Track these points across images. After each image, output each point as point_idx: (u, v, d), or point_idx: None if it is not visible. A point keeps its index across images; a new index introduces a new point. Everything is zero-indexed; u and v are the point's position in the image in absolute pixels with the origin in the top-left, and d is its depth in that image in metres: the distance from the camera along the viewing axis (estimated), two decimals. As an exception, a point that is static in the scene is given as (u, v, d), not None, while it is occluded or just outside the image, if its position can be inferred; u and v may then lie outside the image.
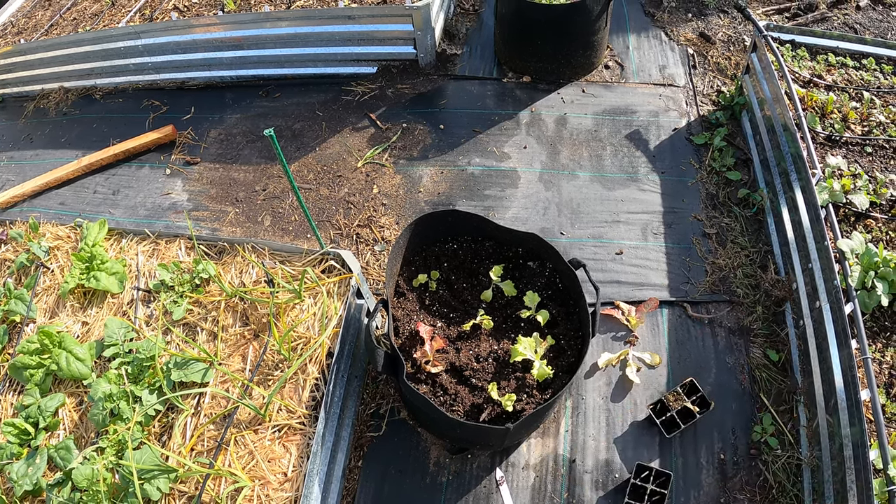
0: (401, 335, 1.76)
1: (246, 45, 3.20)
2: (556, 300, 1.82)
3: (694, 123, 2.93)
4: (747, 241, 2.52)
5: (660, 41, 3.32)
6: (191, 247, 2.20)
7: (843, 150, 2.48)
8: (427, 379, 1.68)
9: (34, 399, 1.96)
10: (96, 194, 3.01)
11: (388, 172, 2.83)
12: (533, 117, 2.98)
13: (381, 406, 2.09)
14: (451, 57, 3.26)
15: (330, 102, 3.17)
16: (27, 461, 1.83)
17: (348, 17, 2.97)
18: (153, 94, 3.41)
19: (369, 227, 2.62)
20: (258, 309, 1.96)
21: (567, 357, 1.70)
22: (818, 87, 2.69)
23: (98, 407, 1.81)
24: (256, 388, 1.76)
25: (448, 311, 1.82)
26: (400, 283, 1.87)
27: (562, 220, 2.58)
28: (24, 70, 3.58)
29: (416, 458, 2.00)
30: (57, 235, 2.37)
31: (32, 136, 3.41)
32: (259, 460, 1.65)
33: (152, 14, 3.43)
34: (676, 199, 2.64)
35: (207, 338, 1.97)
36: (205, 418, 1.77)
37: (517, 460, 1.99)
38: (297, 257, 2.03)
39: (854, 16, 3.48)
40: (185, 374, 1.83)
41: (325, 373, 1.77)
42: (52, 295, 2.22)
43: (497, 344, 1.74)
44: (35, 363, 2.00)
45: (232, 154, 3.05)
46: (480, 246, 1.94)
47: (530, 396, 1.63)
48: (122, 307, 2.13)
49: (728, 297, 2.36)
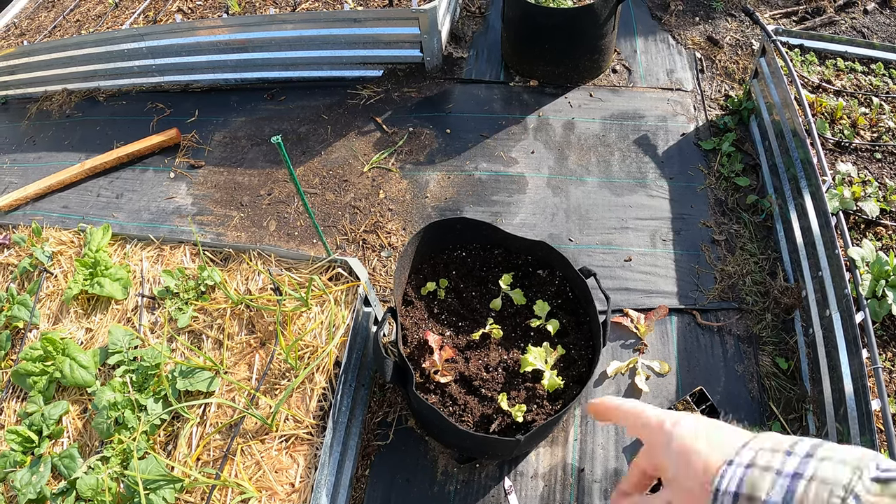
0: (409, 344, 1.74)
1: (250, 48, 3.18)
2: (566, 309, 1.80)
3: (702, 128, 2.91)
4: (756, 248, 2.50)
5: (667, 45, 3.30)
6: (196, 253, 2.18)
7: (852, 157, 2.46)
8: (436, 389, 1.66)
9: (37, 406, 1.94)
10: (100, 198, 2.99)
11: (395, 177, 2.81)
12: (540, 122, 2.96)
13: (388, 414, 2.07)
14: (458, 60, 3.24)
15: (335, 106, 3.15)
16: (31, 469, 1.82)
17: (354, 20, 2.95)
18: (157, 96, 3.39)
19: (376, 232, 2.60)
20: (264, 317, 1.94)
21: (578, 367, 1.68)
22: (827, 93, 2.67)
23: (102, 416, 1.79)
24: (263, 397, 1.74)
25: (457, 320, 1.80)
26: (408, 290, 1.85)
27: (570, 227, 2.56)
28: (27, 72, 3.56)
29: (424, 466, 1.98)
30: (60, 240, 2.35)
31: (35, 138, 3.39)
32: (266, 471, 1.63)
33: (156, 16, 3.41)
34: (685, 205, 2.62)
35: (213, 346, 1.95)
36: (211, 428, 1.75)
37: (525, 469, 1.97)
38: (304, 264, 2.01)
39: (862, 20, 3.46)
40: (190, 382, 1.81)
41: (332, 382, 1.75)
42: (56, 301, 2.20)
43: (506, 353, 1.72)
44: (38, 370, 1.98)
45: (236, 158, 3.03)
46: (489, 254, 1.92)
47: (540, 407, 1.61)
48: (126, 314, 2.11)
49: (737, 305, 2.34)
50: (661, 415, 0.56)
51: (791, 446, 0.44)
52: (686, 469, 0.49)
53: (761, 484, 0.43)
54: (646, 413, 0.57)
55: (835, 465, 0.41)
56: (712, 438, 0.50)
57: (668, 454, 0.52)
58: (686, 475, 0.49)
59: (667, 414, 0.55)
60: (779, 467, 0.43)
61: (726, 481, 0.45)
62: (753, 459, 0.45)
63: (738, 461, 0.46)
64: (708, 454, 0.48)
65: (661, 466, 0.53)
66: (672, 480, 0.51)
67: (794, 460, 0.43)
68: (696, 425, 0.52)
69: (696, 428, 0.52)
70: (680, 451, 0.51)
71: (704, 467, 0.48)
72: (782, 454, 0.44)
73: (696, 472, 0.48)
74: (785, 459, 0.44)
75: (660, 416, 0.56)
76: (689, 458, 0.50)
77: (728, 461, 0.47)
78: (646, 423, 0.56)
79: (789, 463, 0.43)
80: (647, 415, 0.57)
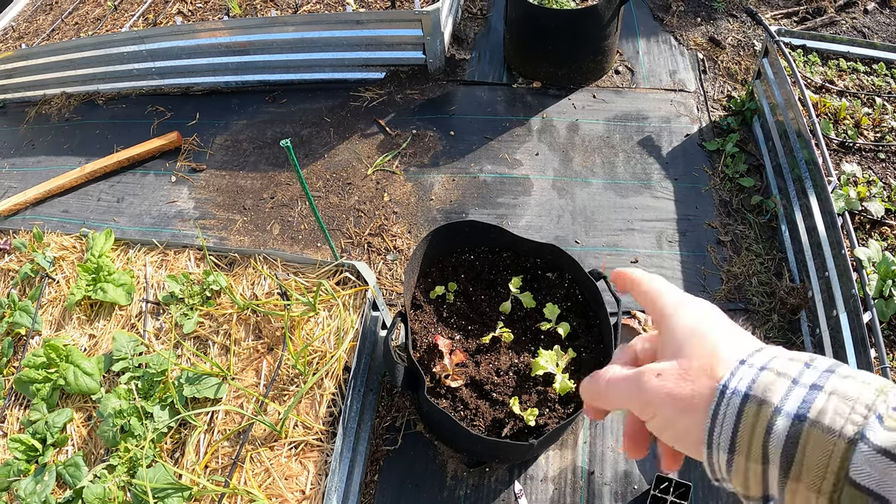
0: (418, 348, 1.73)
1: (251, 50, 3.16)
2: (576, 312, 1.79)
3: (706, 129, 2.91)
4: (762, 249, 2.50)
5: (669, 46, 3.31)
6: (200, 257, 2.16)
7: (856, 157, 2.46)
8: (447, 393, 1.64)
9: (41, 414, 1.92)
10: (100, 202, 2.96)
11: (399, 180, 2.79)
12: (544, 123, 2.95)
13: (396, 419, 2.05)
14: (460, 62, 3.24)
15: (338, 108, 3.14)
16: (35, 478, 1.79)
17: (356, 22, 2.94)
18: (157, 99, 3.36)
19: (381, 235, 2.59)
20: (271, 322, 1.92)
21: (589, 370, 1.67)
22: (830, 93, 2.68)
23: (108, 423, 1.77)
24: (272, 403, 1.72)
25: (466, 324, 1.79)
26: (416, 294, 1.84)
27: (576, 228, 2.55)
28: (25, 75, 3.53)
29: (433, 471, 1.97)
30: (62, 245, 2.32)
31: (34, 142, 3.36)
32: (276, 478, 1.61)
33: (156, 18, 3.39)
34: (690, 207, 2.62)
35: (219, 352, 1.93)
36: (218, 435, 1.73)
37: (535, 473, 1.96)
38: (311, 268, 1.99)
39: (862, 19, 3.47)
40: (197, 389, 1.79)
41: (342, 387, 1.73)
42: (58, 307, 2.18)
43: (517, 357, 1.71)
44: (42, 377, 1.95)
45: (239, 161, 3.01)
46: (498, 257, 1.91)
47: (552, 411, 1.60)
48: (130, 320, 2.09)
49: (744, 306, 2.33)
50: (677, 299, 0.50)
51: (810, 360, 0.41)
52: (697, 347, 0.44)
53: (775, 389, 0.39)
54: (663, 298, 0.51)
55: (858, 384, 0.38)
56: (735, 330, 0.45)
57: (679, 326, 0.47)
58: (695, 352, 0.44)
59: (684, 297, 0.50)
60: (796, 376, 0.39)
61: (736, 380, 0.41)
62: (768, 363, 0.41)
63: (751, 361, 0.42)
64: (725, 341, 0.44)
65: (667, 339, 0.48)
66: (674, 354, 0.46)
67: (813, 372, 0.39)
68: (716, 312, 0.48)
69: (716, 313, 0.48)
70: (696, 324, 0.46)
71: (714, 352, 0.43)
72: (800, 364, 0.40)
73: (707, 353, 0.44)
74: (803, 370, 0.40)
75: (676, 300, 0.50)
76: (706, 336, 0.45)
77: (741, 360, 0.42)
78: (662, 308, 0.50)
79: (808, 375, 0.39)
80: (663, 300, 0.51)
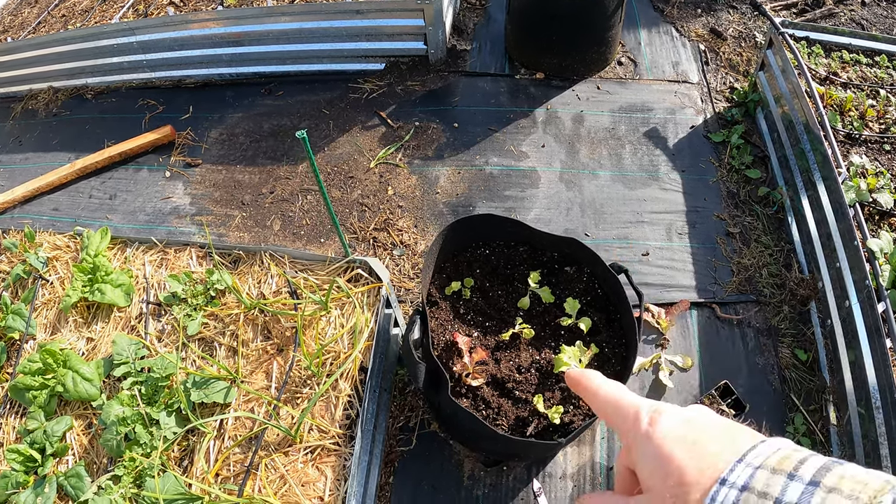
0: (436, 346, 1.68)
1: (246, 42, 3.07)
2: (596, 306, 1.76)
3: (710, 120, 2.89)
4: (770, 240, 2.49)
5: (671, 37, 3.28)
6: (202, 255, 2.08)
7: (862, 149, 2.46)
8: (467, 392, 1.60)
9: (39, 423, 1.83)
10: (92, 199, 2.85)
11: (403, 173, 2.73)
12: (549, 115, 2.91)
13: (409, 419, 2.00)
14: (461, 53, 3.17)
15: (337, 100, 3.06)
16: (35, 490, 1.70)
17: (356, 12, 2.86)
18: (148, 92, 3.25)
19: (386, 230, 2.53)
20: (280, 322, 1.85)
21: (612, 365, 1.63)
22: (835, 85, 2.68)
23: (111, 432, 1.69)
24: (284, 406, 1.66)
25: (484, 320, 1.74)
26: (432, 291, 1.78)
27: (585, 221, 2.52)
28: (10, 70, 3.38)
29: (450, 471, 1.92)
30: (55, 245, 2.22)
31: (21, 138, 3.22)
32: (292, 485, 1.55)
33: (146, 9, 3.27)
34: (698, 198, 2.60)
35: (227, 354, 1.85)
36: (229, 441, 1.66)
37: (554, 470, 1.92)
38: (320, 265, 1.92)
39: (860, 12, 3.48)
40: (205, 393, 1.71)
41: (358, 389, 1.68)
42: (53, 309, 2.08)
43: (538, 353, 1.67)
44: (38, 384, 1.86)
45: (235, 155, 2.92)
46: (514, 251, 1.86)
47: (577, 408, 1.57)
48: (129, 322, 2.00)
49: (755, 298, 2.33)
50: (639, 408, 0.47)
51: (796, 467, 0.38)
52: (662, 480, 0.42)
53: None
54: (622, 403, 0.49)
55: (843, 501, 0.35)
56: (697, 445, 0.43)
57: (643, 458, 0.45)
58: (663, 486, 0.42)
59: (646, 406, 0.48)
60: (778, 495, 0.37)
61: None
62: (750, 481, 0.39)
63: (731, 480, 0.39)
64: (690, 466, 0.41)
65: (637, 469, 0.46)
66: (648, 489, 0.44)
67: (796, 487, 0.37)
68: (677, 425, 0.45)
69: (676, 429, 0.44)
70: (656, 457, 0.44)
71: (681, 481, 0.41)
72: (784, 477, 0.38)
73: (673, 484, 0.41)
74: (787, 485, 0.37)
75: (638, 410, 0.47)
76: (667, 466, 0.42)
77: (721, 479, 0.40)
78: (623, 416, 0.48)
79: (791, 491, 0.37)
80: (624, 405, 0.49)
